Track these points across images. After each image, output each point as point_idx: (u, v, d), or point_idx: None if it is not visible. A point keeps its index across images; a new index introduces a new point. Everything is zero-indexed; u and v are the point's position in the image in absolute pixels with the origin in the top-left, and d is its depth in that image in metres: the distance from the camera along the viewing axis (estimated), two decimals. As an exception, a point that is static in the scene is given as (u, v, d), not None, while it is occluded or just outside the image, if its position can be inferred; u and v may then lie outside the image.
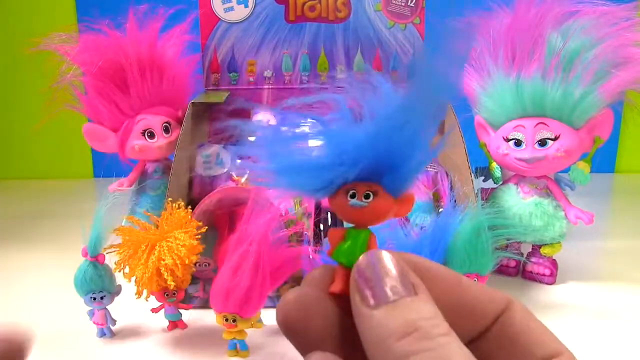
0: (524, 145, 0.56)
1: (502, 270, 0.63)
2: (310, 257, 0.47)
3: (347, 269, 0.19)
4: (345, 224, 0.20)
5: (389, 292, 0.17)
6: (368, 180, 0.19)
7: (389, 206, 0.19)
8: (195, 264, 0.47)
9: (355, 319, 0.17)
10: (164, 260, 0.44)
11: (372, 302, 0.17)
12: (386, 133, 0.18)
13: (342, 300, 0.18)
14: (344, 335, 0.18)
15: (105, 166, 0.66)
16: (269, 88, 0.74)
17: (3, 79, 1.09)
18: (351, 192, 0.19)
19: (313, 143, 0.20)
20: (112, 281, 0.49)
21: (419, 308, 0.16)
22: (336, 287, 0.19)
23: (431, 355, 0.15)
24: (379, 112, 0.19)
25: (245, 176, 0.60)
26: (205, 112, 0.72)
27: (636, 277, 0.62)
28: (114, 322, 0.50)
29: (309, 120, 0.20)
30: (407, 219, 0.55)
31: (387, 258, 0.18)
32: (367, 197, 0.19)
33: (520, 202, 0.59)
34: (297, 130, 0.20)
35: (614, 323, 0.52)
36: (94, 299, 0.48)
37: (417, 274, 0.18)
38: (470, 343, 0.19)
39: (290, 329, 0.18)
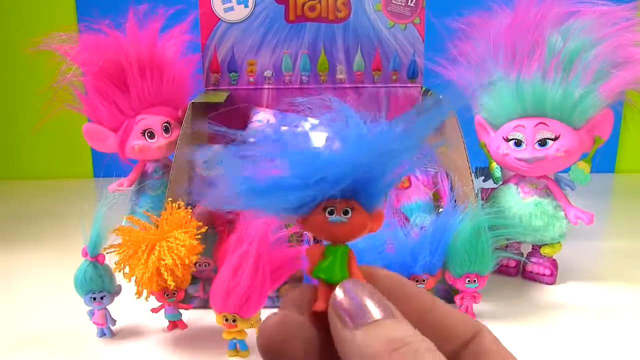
0: (524, 145, 0.56)
1: (502, 270, 0.63)
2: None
3: (329, 285, 0.19)
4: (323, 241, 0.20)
5: (368, 315, 0.17)
6: (344, 197, 0.19)
7: (366, 221, 0.19)
8: (195, 264, 0.47)
9: (337, 343, 0.17)
10: (164, 260, 0.44)
11: (351, 324, 0.17)
12: (366, 153, 0.18)
13: (325, 321, 0.18)
14: (327, 357, 0.18)
15: (105, 166, 0.66)
16: (269, 88, 0.74)
17: (3, 79, 1.09)
18: (329, 209, 0.19)
19: (317, 138, 0.20)
20: (112, 281, 0.49)
21: (402, 328, 0.17)
22: (319, 305, 0.19)
23: None
24: (360, 134, 0.19)
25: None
26: (205, 112, 0.72)
27: (636, 277, 0.62)
28: (114, 322, 0.50)
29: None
30: (407, 219, 0.55)
31: (363, 286, 0.18)
32: (345, 213, 0.19)
33: (520, 202, 0.59)
34: (267, 148, 0.20)
35: (614, 323, 0.52)
36: (94, 299, 0.48)
37: (393, 294, 0.18)
38: None
39: (271, 353, 0.18)
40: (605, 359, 0.46)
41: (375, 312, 0.17)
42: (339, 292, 0.18)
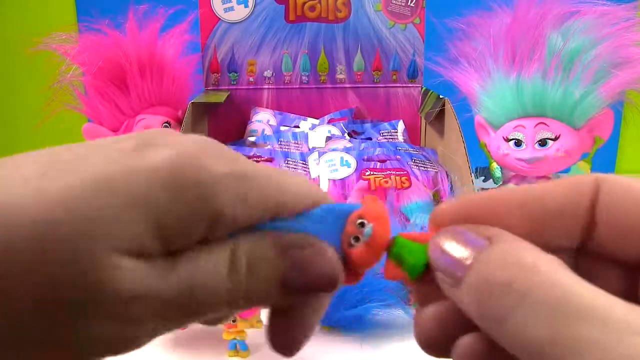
0: (524, 146, 0.56)
1: (502, 270, 0.63)
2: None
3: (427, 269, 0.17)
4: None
5: (462, 264, 0.15)
6: (346, 214, 0.18)
7: (376, 210, 0.18)
8: (195, 264, 0.47)
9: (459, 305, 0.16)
10: (164, 260, 0.44)
11: (455, 283, 0.15)
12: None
13: None
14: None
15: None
16: (269, 88, 0.74)
17: (3, 79, 1.09)
18: (352, 237, 0.17)
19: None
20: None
21: (495, 252, 0.15)
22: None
23: (540, 292, 0.13)
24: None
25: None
26: (205, 112, 0.72)
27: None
28: (114, 322, 0.50)
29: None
30: (407, 219, 0.55)
31: (443, 236, 0.16)
32: (362, 225, 0.17)
33: (520, 202, 0.59)
34: None
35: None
36: (94, 299, 0.48)
37: (485, 214, 0.16)
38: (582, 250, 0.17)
39: (433, 349, 0.17)
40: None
41: (465, 254, 0.15)
42: (433, 256, 0.16)
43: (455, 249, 0.15)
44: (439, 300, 0.17)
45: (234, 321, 0.43)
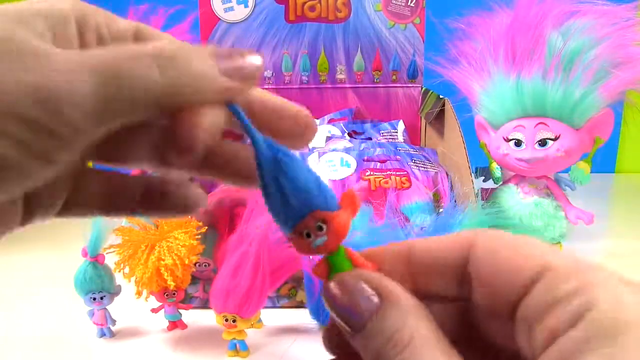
0: (524, 146, 0.56)
1: (502, 270, 0.63)
2: (310, 257, 0.47)
3: None
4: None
5: (358, 317, 0.17)
6: (306, 213, 0.18)
7: (343, 219, 0.18)
8: (195, 264, 0.47)
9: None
10: (163, 260, 0.44)
11: (350, 331, 0.17)
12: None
13: None
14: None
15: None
16: (268, 88, 0.74)
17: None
18: (305, 232, 0.18)
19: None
20: (112, 281, 0.49)
21: (390, 322, 0.16)
22: None
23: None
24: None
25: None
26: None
27: (636, 277, 0.62)
28: (114, 322, 0.50)
29: None
30: (407, 219, 0.55)
31: (343, 286, 0.17)
32: (320, 229, 0.18)
33: (520, 203, 0.59)
34: None
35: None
36: (94, 299, 0.48)
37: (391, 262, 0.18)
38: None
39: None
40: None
41: (363, 309, 0.17)
42: (326, 302, 0.18)
43: (352, 307, 0.17)
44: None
45: (234, 321, 0.43)
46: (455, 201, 0.56)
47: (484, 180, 0.67)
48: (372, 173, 0.57)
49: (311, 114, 0.22)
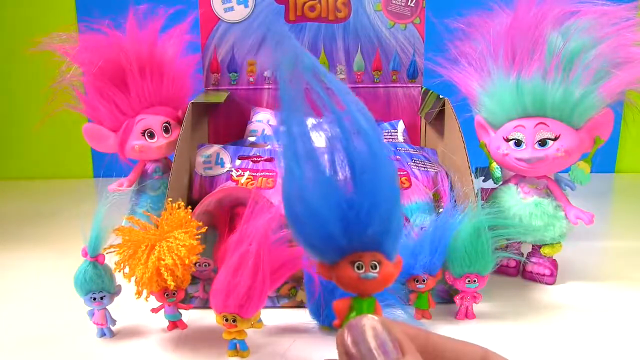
0: (524, 146, 0.56)
1: (502, 270, 0.63)
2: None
3: None
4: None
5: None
6: (369, 250, 0.18)
7: (393, 272, 0.19)
8: (195, 264, 0.47)
9: None
10: (164, 260, 0.44)
11: None
12: (383, 197, 0.18)
13: None
14: None
15: (105, 166, 0.66)
16: (269, 88, 0.74)
17: (3, 79, 1.09)
18: (357, 263, 0.18)
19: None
20: (112, 281, 0.49)
21: None
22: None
23: None
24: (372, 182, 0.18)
25: (246, 176, 0.60)
26: (205, 112, 0.72)
27: (636, 277, 0.62)
28: (114, 322, 0.50)
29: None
30: (407, 219, 0.55)
31: (370, 329, 0.18)
32: (373, 267, 0.19)
33: (520, 202, 0.59)
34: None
35: (614, 323, 0.52)
36: (94, 299, 0.48)
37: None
38: None
39: None
40: (606, 359, 0.46)
41: (387, 355, 0.17)
42: (346, 337, 0.18)
43: (380, 348, 0.17)
44: None
45: (234, 321, 0.43)
46: (455, 201, 0.56)
47: (484, 180, 0.67)
48: (372, 173, 0.57)
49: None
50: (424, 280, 0.50)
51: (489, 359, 0.19)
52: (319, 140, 0.20)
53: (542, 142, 0.55)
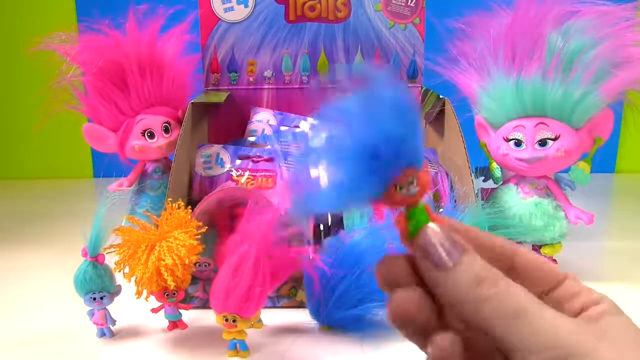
0: (524, 145, 0.56)
1: (502, 270, 0.63)
2: (310, 257, 0.47)
3: None
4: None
5: (451, 256, 0.21)
6: (401, 169, 0.21)
7: (427, 177, 0.22)
8: (195, 264, 0.47)
9: (430, 284, 0.21)
10: (164, 260, 0.44)
11: (446, 264, 0.21)
12: (399, 120, 0.20)
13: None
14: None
15: (105, 166, 0.66)
16: (269, 88, 0.74)
17: (3, 79, 1.09)
18: (397, 185, 0.21)
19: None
20: (112, 281, 0.49)
21: (475, 263, 0.21)
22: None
23: (500, 298, 0.20)
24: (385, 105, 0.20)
25: (246, 176, 0.60)
26: (205, 112, 0.72)
27: (636, 277, 0.62)
28: (114, 322, 0.50)
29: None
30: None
31: (440, 231, 0.21)
32: (411, 182, 0.21)
33: (520, 202, 0.59)
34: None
35: (614, 323, 0.52)
36: (94, 299, 0.48)
37: (478, 242, 0.22)
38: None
39: (409, 324, 0.22)
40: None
41: (453, 254, 0.21)
42: (424, 239, 0.21)
43: (445, 247, 0.21)
44: (404, 286, 0.22)
45: (234, 321, 0.43)
46: (455, 201, 0.56)
47: (484, 180, 0.67)
48: (372, 173, 0.57)
49: (311, 114, 0.22)
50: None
51: (569, 282, 0.23)
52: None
53: (542, 142, 0.55)
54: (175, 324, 0.51)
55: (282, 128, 0.70)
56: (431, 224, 0.22)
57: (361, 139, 0.20)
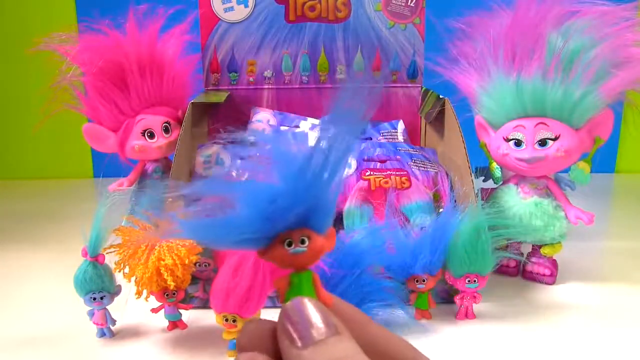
0: (524, 146, 0.56)
1: (502, 270, 0.63)
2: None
3: None
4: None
5: (315, 333, 0.18)
6: (298, 227, 0.20)
7: (323, 245, 0.20)
8: (195, 264, 0.47)
9: None
10: (164, 260, 0.44)
11: (299, 343, 0.18)
12: (306, 181, 0.19)
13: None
14: None
15: (105, 166, 0.66)
16: (269, 88, 0.74)
17: (3, 79, 1.09)
18: (287, 241, 0.20)
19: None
20: (112, 281, 0.49)
21: (344, 346, 0.18)
22: None
23: None
24: (294, 163, 0.19)
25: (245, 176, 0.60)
26: (205, 112, 0.72)
27: (636, 277, 0.62)
28: (114, 322, 0.50)
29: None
30: (407, 219, 0.55)
31: (310, 303, 0.19)
32: (302, 242, 0.20)
33: (520, 202, 0.59)
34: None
35: (614, 323, 0.52)
36: (94, 299, 0.48)
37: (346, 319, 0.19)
38: None
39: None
40: (606, 359, 0.46)
41: (320, 330, 0.18)
42: (287, 309, 0.19)
43: (314, 323, 0.18)
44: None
45: (234, 321, 0.43)
46: (455, 201, 0.56)
47: (484, 180, 0.67)
48: (372, 173, 0.57)
49: (311, 114, 0.22)
50: (424, 280, 0.50)
51: None
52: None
53: (542, 142, 0.55)
54: (175, 324, 0.51)
55: (282, 128, 0.70)
56: (305, 297, 0.19)
57: (270, 178, 0.19)
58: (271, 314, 0.53)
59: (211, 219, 0.20)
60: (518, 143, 0.56)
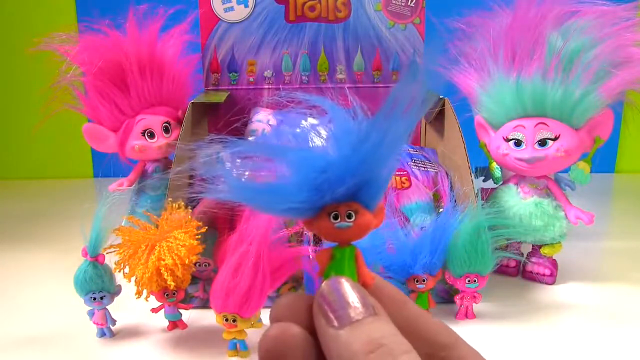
0: (524, 145, 0.56)
1: (502, 270, 0.63)
2: (310, 257, 0.47)
3: None
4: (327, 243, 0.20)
5: (352, 313, 0.18)
6: (346, 200, 0.19)
7: (370, 221, 0.20)
8: (195, 264, 0.47)
9: (321, 340, 0.18)
10: (164, 260, 0.44)
11: (336, 323, 0.18)
12: (362, 153, 0.19)
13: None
14: None
15: (105, 166, 0.66)
16: (269, 88, 0.74)
17: (3, 79, 1.09)
18: (333, 213, 0.19)
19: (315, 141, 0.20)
20: (112, 281, 0.49)
21: (381, 327, 0.18)
22: None
23: None
24: (353, 133, 0.19)
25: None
26: (205, 112, 0.72)
27: (636, 277, 0.62)
28: (114, 322, 0.50)
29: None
30: (407, 219, 0.55)
31: (347, 283, 0.19)
32: (349, 216, 0.19)
33: (520, 202, 0.59)
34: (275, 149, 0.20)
35: (614, 323, 0.52)
36: (94, 299, 0.48)
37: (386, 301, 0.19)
38: None
39: None
40: (605, 359, 0.46)
41: (357, 310, 0.18)
42: (324, 289, 0.19)
43: (353, 303, 0.18)
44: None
45: (234, 321, 0.43)
46: (455, 201, 0.56)
47: (484, 180, 0.67)
48: (372, 173, 0.57)
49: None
50: (424, 280, 0.50)
51: (459, 346, 0.20)
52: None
53: (542, 142, 0.55)
54: (175, 324, 0.51)
55: (283, 129, 0.70)
56: (342, 277, 0.19)
57: (323, 148, 0.19)
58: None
59: (259, 182, 0.19)
60: (518, 143, 0.56)
